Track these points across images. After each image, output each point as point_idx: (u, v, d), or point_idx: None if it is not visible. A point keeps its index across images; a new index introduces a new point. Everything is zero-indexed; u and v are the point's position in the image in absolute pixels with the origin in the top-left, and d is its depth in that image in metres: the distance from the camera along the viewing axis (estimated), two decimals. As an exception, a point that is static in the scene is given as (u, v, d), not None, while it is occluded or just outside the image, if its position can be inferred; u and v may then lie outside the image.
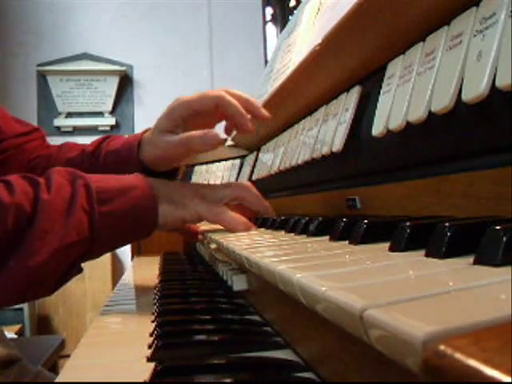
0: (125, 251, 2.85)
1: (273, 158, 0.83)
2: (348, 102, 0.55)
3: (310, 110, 0.69)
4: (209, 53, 3.39)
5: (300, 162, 0.67)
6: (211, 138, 0.62)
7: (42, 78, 3.27)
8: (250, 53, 3.41)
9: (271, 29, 3.67)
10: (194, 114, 0.67)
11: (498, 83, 0.29)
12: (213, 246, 0.66)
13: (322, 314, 0.24)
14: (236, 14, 3.41)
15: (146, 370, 0.40)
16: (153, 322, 0.56)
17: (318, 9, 0.71)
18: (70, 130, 3.28)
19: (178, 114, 0.67)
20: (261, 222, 0.67)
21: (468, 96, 0.31)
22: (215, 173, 1.25)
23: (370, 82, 0.53)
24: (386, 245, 0.31)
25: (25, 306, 2.67)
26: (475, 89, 0.30)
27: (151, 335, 0.51)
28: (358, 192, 0.53)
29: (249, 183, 0.69)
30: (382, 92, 0.46)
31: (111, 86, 3.32)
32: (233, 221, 0.61)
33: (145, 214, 0.58)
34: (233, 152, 1.19)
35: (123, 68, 3.29)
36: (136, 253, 1.42)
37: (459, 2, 0.36)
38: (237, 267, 0.67)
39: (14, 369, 0.76)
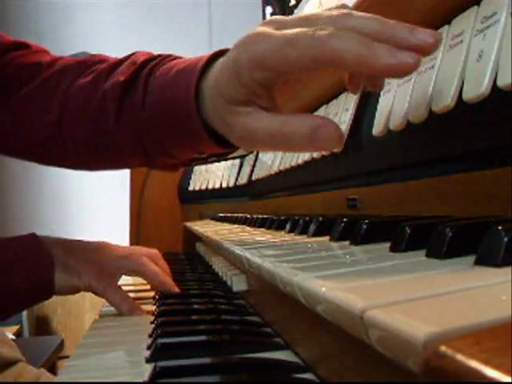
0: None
1: (273, 158, 0.83)
2: (348, 102, 0.54)
3: (311, 110, 0.69)
4: (209, 53, 3.39)
5: (300, 161, 0.67)
6: (329, 135, 0.37)
7: (41, 78, 3.27)
8: (249, 53, 3.41)
9: (271, 29, 3.67)
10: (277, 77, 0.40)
11: (499, 83, 0.29)
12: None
13: (322, 315, 0.24)
14: (236, 14, 3.41)
15: (145, 370, 0.40)
16: (152, 322, 0.56)
17: (318, 8, 0.71)
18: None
19: (249, 74, 0.39)
20: (260, 222, 0.67)
21: (469, 95, 0.31)
22: (215, 172, 1.25)
23: (370, 81, 0.53)
24: (387, 245, 0.31)
25: (24, 306, 2.67)
26: (476, 88, 0.30)
27: (150, 336, 0.51)
28: (358, 192, 0.53)
29: (154, 254, 0.71)
30: (382, 92, 0.46)
31: (111, 86, 3.32)
32: (119, 301, 0.61)
33: (40, 286, 0.59)
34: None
35: (123, 68, 3.29)
36: (136, 253, 1.41)
37: (460, 1, 0.36)
38: (236, 267, 0.67)
39: (14, 369, 0.76)
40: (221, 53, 0.47)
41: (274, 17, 0.41)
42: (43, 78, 0.61)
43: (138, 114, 0.52)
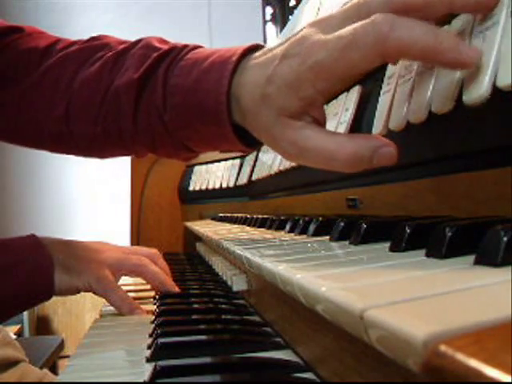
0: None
1: (273, 158, 0.83)
2: (348, 102, 0.54)
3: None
4: (209, 53, 3.39)
5: (300, 162, 0.67)
6: (389, 155, 0.36)
7: (41, 78, 3.27)
8: (249, 53, 3.41)
9: (271, 29, 3.67)
10: (341, 83, 0.38)
11: (498, 83, 0.29)
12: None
13: (322, 314, 0.24)
14: (236, 14, 3.41)
15: (146, 370, 0.40)
16: (152, 322, 0.56)
17: (318, 9, 0.71)
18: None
19: (312, 87, 0.36)
20: (260, 222, 0.67)
21: (468, 96, 0.31)
22: (215, 173, 1.25)
23: (370, 81, 0.53)
24: (387, 245, 0.31)
25: (24, 306, 2.67)
26: (476, 89, 0.30)
27: (150, 335, 0.51)
28: (358, 192, 0.53)
29: (154, 254, 0.71)
30: (382, 92, 0.46)
31: (111, 86, 3.32)
32: (119, 301, 0.61)
33: (40, 287, 0.59)
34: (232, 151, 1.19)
35: (123, 68, 3.29)
36: (136, 253, 1.41)
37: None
38: (236, 267, 0.67)
39: (18, 370, 0.76)
40: (252, 49, 0.45)
41: (321, 18, 0.38)
42: (44, 69, 0.57)
43: (158, 116, 0.49)
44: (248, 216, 0.77)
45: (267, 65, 0.40)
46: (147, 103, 0.50)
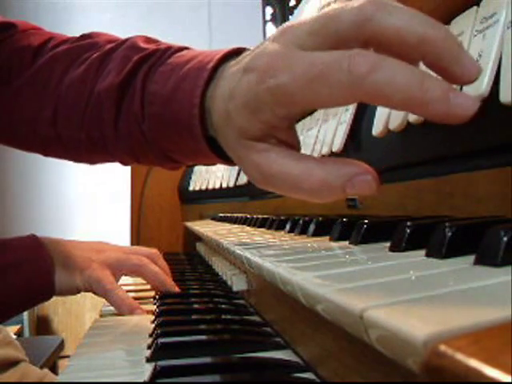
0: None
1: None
2: (348, 102, 0.54)
3: (309, 112, 0.69)
4: (209, 53, 3.39)
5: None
6: (367, 184, 0.33)
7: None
8: (249, 53, 3.41)
9: (271, 29, 3.67)
10: (303, 112, 0.38)
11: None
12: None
13: (322, 314, 0.24)
14: (236, 14, 3.41)
15: (146, 370, 0.40)
16: (152, 322, 0.56)
17: (318, 9, 0.71)
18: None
19: (270, 111, 0.33)
20: (260, 222, 0.67)
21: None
22: (215, 173, 1.25)
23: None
24: (387, 245, 0.31)
25: (24, 306, 2.67)
26: (476, 88, 0.30)
27: (150, 335, 0.51)
28: (358, 192, 0.53)
29: (154, 254, 0.71)
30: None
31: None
32: (119, 301, 0.61)
33: (40, 287, 0.59)
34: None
35: (123, 68, 3.29)
36: (136, 253, 1.41)
37: (460, 2, 0.36)
38: (236, 267, 0.67)
39: (18, 369, 0.76)
40: (233, 53, 0.41)
41: (287, 26, 0.33)
42: (35, 69, 0.56)
43: (137, 124, 0.47)
44: (248, 216, 0.77)
45: (233, 77, 0.36)
46: (127, 110, 0.48)
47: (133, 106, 0.47)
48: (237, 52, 0.41)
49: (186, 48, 0.49)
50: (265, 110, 0.32)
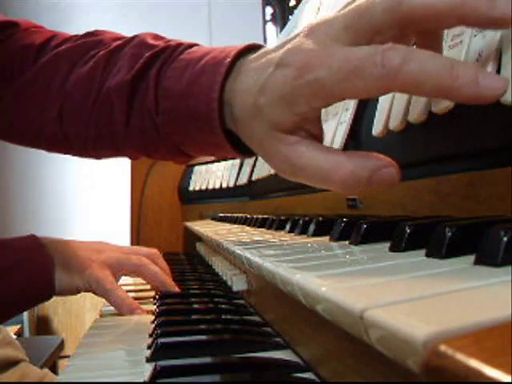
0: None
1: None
2: (348, 102, 0.54)
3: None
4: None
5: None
6: (390, 177, 0.34)
7: (41, 77, 3.27)
8: (249, 53, 3.41)
9: (271, 29, 3.67)
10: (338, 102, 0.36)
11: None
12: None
13: (322, 314, 0.24)
14: (236, 14, 3.41)
15: (146, 370, 0.40)
16: (152, 322, 0.56)
17: (318, 8, 0.71)
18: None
19: (307, 103, 0.34)
20: (260, 222, 0.67)
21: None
22: (215, 173, 1.25)
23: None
24: (387, 245, 0.31)
25: (24, 306, 2.67)
26: (475, 88, 0.30)
27: (150, 335, 0.51)
28: (358, 192, 0.53)
29: (154, 254, 0.71)
30: (382, 92, 0.46)
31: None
32: (119, 301, 0.61)
33: (40, 287, 0.59)
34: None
35: (123, 68, 3.29)
36: (136, 253, 1.41)
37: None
38: (236, 267, 0.67)
39: (18, 369, 0.76)
40: (249, 49, 0.42)
41: (319, 23, 0.34)
42: (38, 68, 0.56)
43: (151, 120, 0.47)
44: (248, 216, 0.77)
45: (261, 71, 0.37)
46: (139, 106, 0.48)
47: (146, 101, 0.47)
48: (253, 48, 0.42)
49: (196, 44, 0.49)
50: (301, 103, 0.34)
